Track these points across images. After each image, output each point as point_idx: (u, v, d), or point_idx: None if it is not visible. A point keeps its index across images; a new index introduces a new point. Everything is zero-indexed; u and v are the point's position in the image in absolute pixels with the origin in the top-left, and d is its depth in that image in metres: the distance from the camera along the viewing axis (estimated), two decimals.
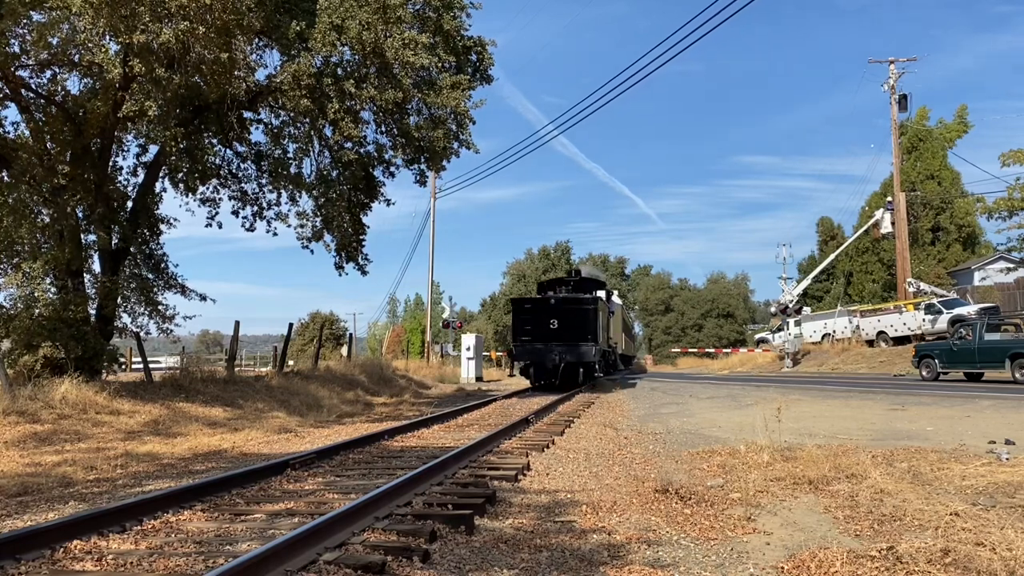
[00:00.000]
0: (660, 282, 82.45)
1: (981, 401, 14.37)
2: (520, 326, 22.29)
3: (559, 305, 22.19)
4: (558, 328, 21.65)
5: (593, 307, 22.20)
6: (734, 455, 7.96)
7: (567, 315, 21.90)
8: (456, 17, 16.06)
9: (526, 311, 22.58)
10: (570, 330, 21.63)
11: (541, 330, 21.75)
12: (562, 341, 21.45)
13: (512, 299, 24.80)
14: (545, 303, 22.55)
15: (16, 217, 13.41)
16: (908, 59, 38.66)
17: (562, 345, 21.43)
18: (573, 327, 21.65)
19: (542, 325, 21.74)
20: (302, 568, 3.92)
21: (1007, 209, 32.61)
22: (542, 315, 22.02)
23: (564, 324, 21.70)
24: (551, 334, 21.62)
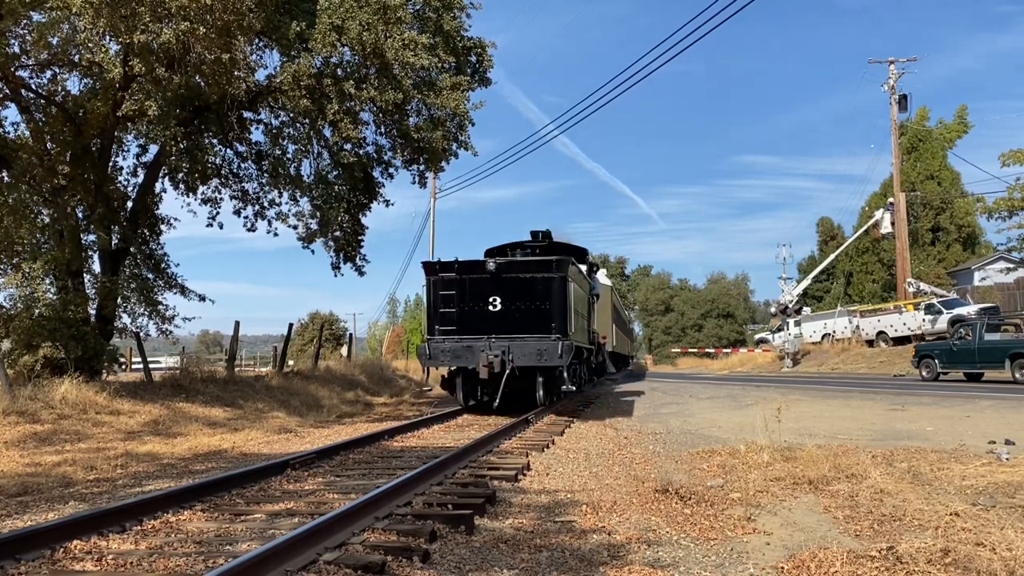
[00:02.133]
0: (660, 282, 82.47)
1: (981, 401, 14.37)
2: (437, 309, 13.60)
3: (502, 274, 13.21)
4: (501, 312, 13.16)
5: (559, 278, 13.14)
6: (734, 455, 7.96)
7: (516, 290, 13.20)
8: (456, 17, 16.06)
9: (447, 284, 13.53)
10: (521, 315, 13.15)
11: (472, 315, 13.31)
12: (508, 333, 13.01)
13: (425, 263, 14.15)
14: (477, 270, 13.43)
15: (16, 217, 13.41)
16: (908, 59, 38.71)
17: (507, 339, 12.89)
18: (526, 310, 13.15)
19: (474, 307, 13.31)
20: (302, 568, 3.92)
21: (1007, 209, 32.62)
22: (474, 291, 13.36)
23: (511, 305, 13.16)
24: (489, 322, 13.16)
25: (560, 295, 13.01)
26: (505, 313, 13.04)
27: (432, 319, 13.56)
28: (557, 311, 12.91)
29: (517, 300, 13.01)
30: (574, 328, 13.50)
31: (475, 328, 13.09)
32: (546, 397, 13.50)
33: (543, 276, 13.02)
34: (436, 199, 41.64)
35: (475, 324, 13.11)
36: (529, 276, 13.10)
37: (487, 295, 13.13)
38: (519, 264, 13.63)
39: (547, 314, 12.89)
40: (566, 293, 13.05)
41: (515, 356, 12.57)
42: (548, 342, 12.56)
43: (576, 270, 14.59)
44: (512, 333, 12.87)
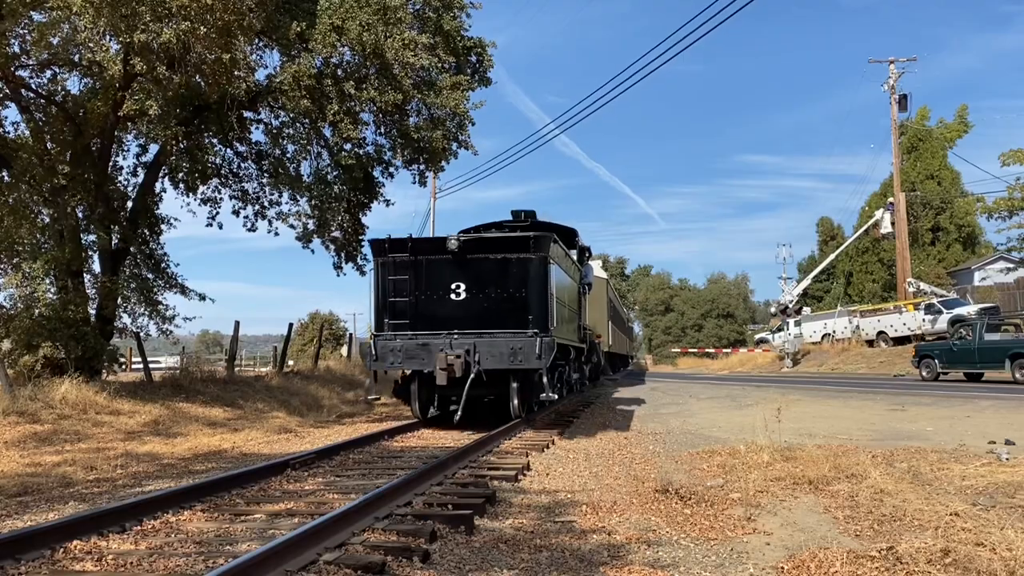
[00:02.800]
0: (660, 282, 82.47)
1: (981, 401, 14.37)
2: (386, 298, 11.14)
3: (467, 254, 10.87)
4: (466, 301, 10.87)
5: (539, 259, 10.80)
6: (734, 455, 7.96)
7: (484, 275, 10.89)
8: (456, 17, 16.07)
9: (399, 267, 11.14)
10: (491, 304, 10.80)
11: (430, 306, 10.93)
12: (474, 327, 10.64)
13: (372, 242, 11.75)
14: (436, 249, 11.04)
15: (16, 217, 13.42)
16: (908, 59, 38.72)
17: (472, 335, 10.52)
18: (497, 299, 10.79)
19: (432, 296, 10.93)
20: (302, 568, 3.92)
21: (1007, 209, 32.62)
22: (432, 275, 11.01)
23: (479, 293, 10.84)
24: (451, 313, 10.83)
25: (539, 280, 10.65)
26: (471, 303, 10.70)
27: (380, 311, 11.07)
28: (535, 300, 10.57)
29: (486, 287, 10.71)
30: (557, 321, 11.11)
31: (433, 322, 10.70)
32: (522, 407, 11.09)
33: (518, 257, 10.66)
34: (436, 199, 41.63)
35: (433, 317, 10.76)
36: (501, 257, 10.70)
37: (448, 281, 10.79)
38: (488, 242, 11.00)
39: (523, 304, 10.57)
40: (547, 278, 10.66)
41: (482, 356, 10.18)
42: (524, 339, 10.16)
43: (560, 251, 11.99)
44: (479, 328, 10.47)
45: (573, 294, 13.89)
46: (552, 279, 10.78)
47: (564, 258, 12.59)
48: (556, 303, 11.12)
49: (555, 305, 10.95)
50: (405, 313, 10.95)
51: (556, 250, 11.46)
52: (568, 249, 13.67)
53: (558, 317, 11.32)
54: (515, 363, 10.21)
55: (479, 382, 10.36)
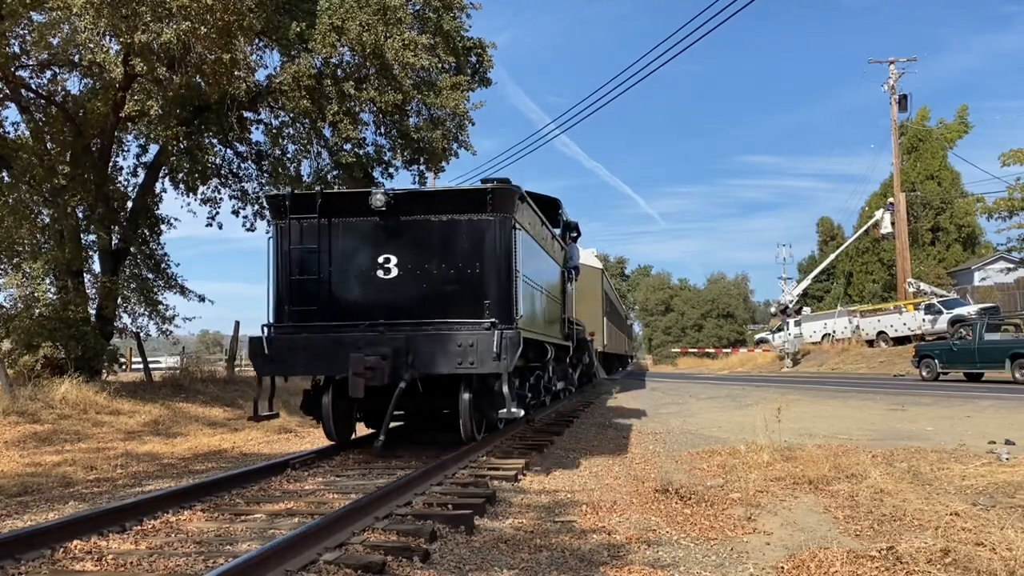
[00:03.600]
0: (660, 282, 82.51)
1: (981, 401, 14.37)
2: (288, 275, 8.18)
3: (401, 216, 7.99)
4: (398, 280, 7.95)
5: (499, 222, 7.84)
6: (734, 455, 7.96)
7: (423, 244, 8.00)
8: (456, 18, 16.08)
9: (306, 234, 8.18)
10: (431, 285, 7.91)
11: (348, 287, 8.10)
12: (408, 317, 7.78)
13: (269, 198, 8.94)
14: (356, 208, 8.07)
15: (16, 217, 13.43)
16: (908, 59, 38.76)
17: (405, 328, 7.61)
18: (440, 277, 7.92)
19: (350, 272, 8.08)
20: (302, 568, 3.92)
21: (1007, 209, 32.63)
22: (351, 245, 8.13)
23: (415, 269, 7.94)
24: (375, 297, 7.97)
25: (500, 251, 7.69)
26: (405, 283, 7.75)
27: (280, 294, 8.02)
28: (494, 279, 7.65)
29: (426, 260, 7.75)
30: (527, 310, 8.46)
31: (353, 309, 7.82)
32: (476, 427, 8.23)
33: (470, 219, 7.73)
34: None
35: (353, 302, 7.87)
36: (447, 219, 7.77)
37: (374, 252, 7.84)
38: (429, 198, 8.20)
39: (477, 284, 7.65)
40: (511, 249, 7.72)
41: (419, 357, 7.28)
42: (477, 332, 7.27)
43: (533, 216, 9.09)
44: (417, 317, 7.58)
45: (553, 278, 11.18)
46: (519, 251, 7.84)
47: (539, 228, 9.67)
48: (525, 285, 8.38)
49: (523, 287, 8.10)
50: (313, 297, 7.91)
51: (526, 213, 8.47)
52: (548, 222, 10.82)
53: (529, 304, 8.69)
54: (464, 366, 7.22)
55: (414, 392, 7.70)
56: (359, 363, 7.22)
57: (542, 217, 10.07)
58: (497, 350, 7.16)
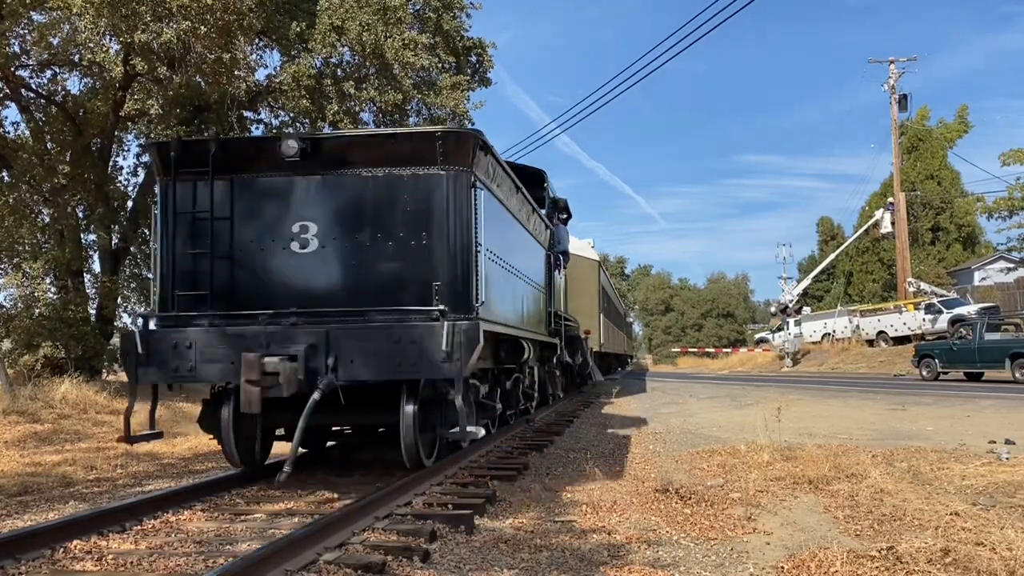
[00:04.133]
0: (660, 282, 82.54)
1: (981, 401, 14.37)
2: (172, 251, 6.28)
3: (320, 167, 6.15)
4: (317, 256, 6.12)
5: (456, 176, 6.05)
6: (734, 455, 7.96)
7: (353, 208, 6.17)
8: (456, 17, 16.10)
9: (200, 194, 6.26)
10: (360, 262, 6.12)
11: (251, 264, 6.21)
12: (332, 304, 6.02)
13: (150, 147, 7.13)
14: (263, 159, 6.25)
15: (16, 217, 13.44)
16: (908, 59, 38.75)
17: (326, 320, 5.86)
18: (373, 252, 6.09)
19: (256, 246, 6.21)
20: (302, 568, 3.92)
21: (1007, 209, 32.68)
22: (256, 208, 6.27)
23: (343, 242, 6.13)
24: (289, 279, 6.15)
25: (455, 217, 6.06)
26: (327, 259, 6.11)
27: (165, 274, 6.30)
28: (445, 253, 6.03)
29: (355, 229, 6.12)
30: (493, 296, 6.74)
31: (257, 294, 6.11)
32: (423, 451, 6.40)
33: (414, 174, 6.07)
34: None
35: (258, 286, 6.16)
36: (384, 175, 6.09)
37: (287, 219, 6.15)
38: (359, 146, 6.36)
39: (423, 260, 6.03)
40: (469, 214, 6.10)
41: (340, 358, 5.67)
42: (420, 324, 5.71)
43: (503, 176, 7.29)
44: (342, 305, 5.99)
45: (534, 262, 9.61)
46: (481, 217, 6.14)
47: (513, 194, 7.89)
48: (492, 264, 6.75)
49: (488, 265, 6.44)
50: (205, 279, 6.13)
51: (492, 170, 6.74)
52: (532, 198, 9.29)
53: (497, 289, 7.04)
54: (403, 369, 5.60)
55: (337, 404, 5.84)
56: (254, 367, 5.36)
57: (517, 182, 8.03)
58: (447, 348, 5.47)
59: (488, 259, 6.52)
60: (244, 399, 5.49)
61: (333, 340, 5.70)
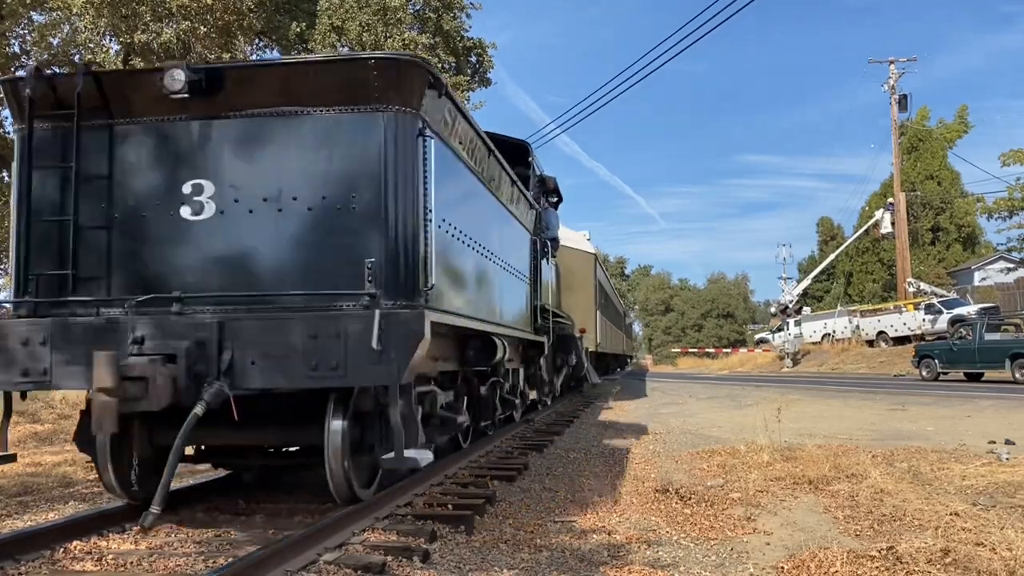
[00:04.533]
0: (660, 282, 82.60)
1: (981, 401, 14.37)
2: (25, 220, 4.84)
3: (218, 107, 4.70)
4: (215, 223, 4.70)
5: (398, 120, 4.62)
6: (734, 455, 7.96)
7: (258, 161, 4.73)
8: (456, 18, 16.10)
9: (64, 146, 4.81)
10: (271, 233, 4.69)
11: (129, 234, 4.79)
12: (224, 288, 4.68)
13: (4, 83, 4.97)
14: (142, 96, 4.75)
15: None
16: (908, 59, 38.80)
17: (225, 306, 4.60)
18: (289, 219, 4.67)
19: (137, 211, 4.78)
20: (302, 568, 3.92)
21: (1007, 209, 32.71)
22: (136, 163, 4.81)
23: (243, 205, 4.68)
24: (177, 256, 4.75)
25: (396, 173, 4.72)
26: (227, 229, 4.80)
27: (19, 249, 4.94)
28: (383, 220, 4.69)
29: (264, 190, 4.77)
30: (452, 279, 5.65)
31: (138, 274, 4.85)
32: (360, 480, 5.17)
33: (341, 116, 4.74)
34: None
35: (139, 264, 4.87)
36: (302, 116, 4.76)
37: (177, 177, 4.84)
38: (270, 79, 4.90)
39: (353, 230, 4.72)
40: (415, 170, 4.80)
41: (243, 357, 4.45)
42: (345, 316, 4.46)
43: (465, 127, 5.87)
44: (244, 289, 4.73)
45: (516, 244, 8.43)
46: (432, 174, 4.85)
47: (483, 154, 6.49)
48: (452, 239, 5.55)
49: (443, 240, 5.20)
50: (69, 254, 4.83)
51: (448, 115, 5.33)
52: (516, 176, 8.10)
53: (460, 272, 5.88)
54: (321, 374, 4.37)
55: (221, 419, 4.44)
56: (108, 370, 4.04)
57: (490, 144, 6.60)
58: (379, 344, 4.20)
59: (445, 233, 5.29)
60: (94, 416, 4.09)
61: (229, 333, 4.41)
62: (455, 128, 5.57)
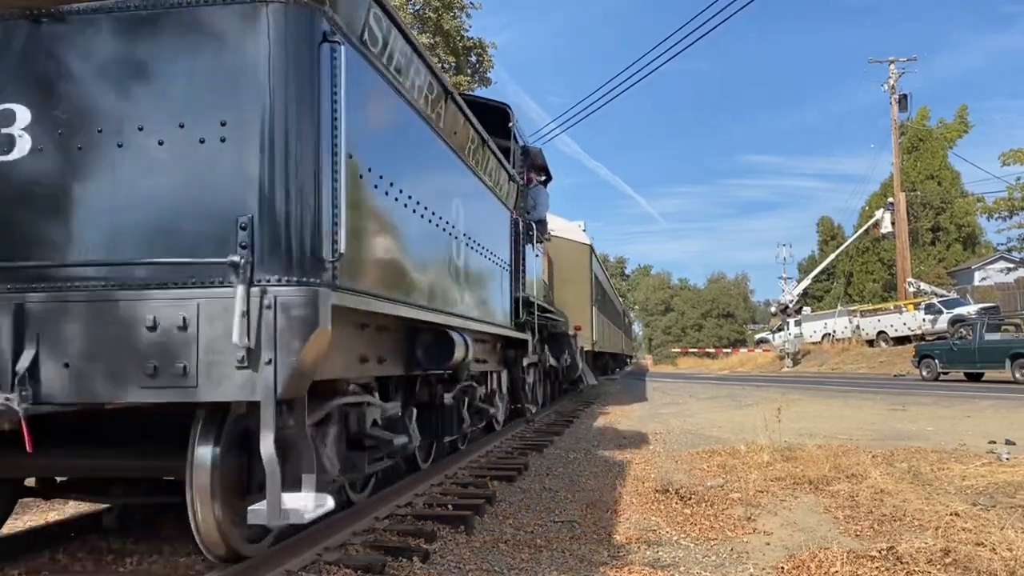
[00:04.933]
0: (660, 282, 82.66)
1: (981, 401, 14.38)
2: None
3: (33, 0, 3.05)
4: (29, 165, 3.24)
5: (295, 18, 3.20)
6: (734, 455, 7.96)
7: (93, 74, 3.25)
8: (456, 17, 16.11)
9: None
10: (108, 180, 3.20)
11: None
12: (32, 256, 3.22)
13: None
14: None
15: None
16: (908, 59, 38.81)
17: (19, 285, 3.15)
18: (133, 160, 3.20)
19: None
20: (303, 568, 3.92)
21: (1007, 209, 32.73)
22: None
23: (67, 139, 3.23)
24: None
25: (286, 92, 3.23)
26: (48, 173, 3.29)
27: None
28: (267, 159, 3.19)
29: (99, 120, 3.29)
30: (375, 246, 4.14)
31: None
32: (240, 528, 3.58)
33: (204, 11, 3.27)
34: None
35: None
36: (149, 13, 3.28)
37: None
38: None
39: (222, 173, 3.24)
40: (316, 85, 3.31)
41: (54, 357, 3.08)
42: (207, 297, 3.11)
43: (407, 50, 4.38)
44: (60, 259, 3.26)
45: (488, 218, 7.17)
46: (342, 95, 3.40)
47: (440, 96, 5.20)
48: (379, 193, 4.19)
49: (363, 191, 3.95)
50: None
51: (375, 22, 3.92)
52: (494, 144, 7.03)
53: (393, 239, 4.46)
54: (160, 384, 3.08)
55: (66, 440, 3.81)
56: None
57: (443, 80, 5.16)
58: (248, 341, 3.05)
59: (370, 185, 3.93)
60: None
61: (32, 323, 3.14)
62: (388, 46, 4.08)
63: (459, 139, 5.93)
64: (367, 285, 3.93)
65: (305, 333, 3.06)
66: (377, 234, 4.18)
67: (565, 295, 14.59)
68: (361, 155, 3.80)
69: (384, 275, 4.31)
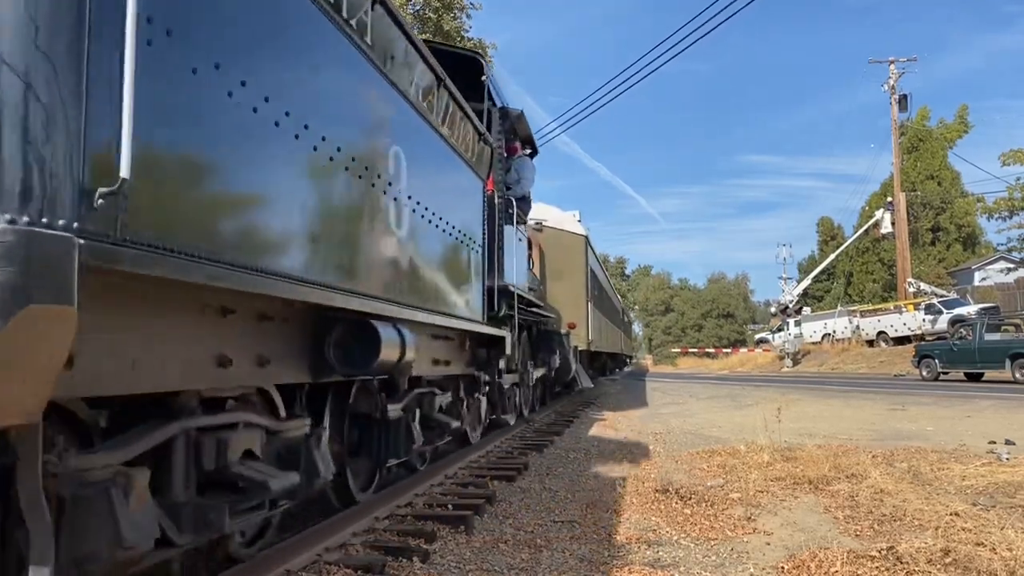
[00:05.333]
0: (660, 282, 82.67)
1: (981, 401, 14.38)
2: None
3: None
4: None
5: None
6: (734, 455, 7.96)
7: None
8: (456, 18, 16.11)
9: None
10: None
11: None
12: None
13: None
14: None
15: None
16: (908, 59, 38.82)
17: None
18: None
19: None
20: (303, 568, 3.92)
21: (1007, 209, 32.73)
22: None
23: None
24: None
25: None
26: None
27: None
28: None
29: None
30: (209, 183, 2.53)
31: None
32: None
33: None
34: None
35: None
36: None
37: None
38: None
39: None
40: None
41: None
42: None
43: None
44: None
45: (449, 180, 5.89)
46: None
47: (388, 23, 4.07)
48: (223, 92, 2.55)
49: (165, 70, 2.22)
50: None
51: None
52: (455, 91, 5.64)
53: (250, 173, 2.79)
54: None
55: None
56: None
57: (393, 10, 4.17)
58: None
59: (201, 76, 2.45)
60: None
61: None
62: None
63: (401, 71, 4.37)
64: (215, 244, 2.54)
65: (7, 311, 1.64)
66: (228, 162, 2.68)
67: (558, 290, 13.62)
68: (179, 27, 2.31)
69: (245, 231, 2.81)
